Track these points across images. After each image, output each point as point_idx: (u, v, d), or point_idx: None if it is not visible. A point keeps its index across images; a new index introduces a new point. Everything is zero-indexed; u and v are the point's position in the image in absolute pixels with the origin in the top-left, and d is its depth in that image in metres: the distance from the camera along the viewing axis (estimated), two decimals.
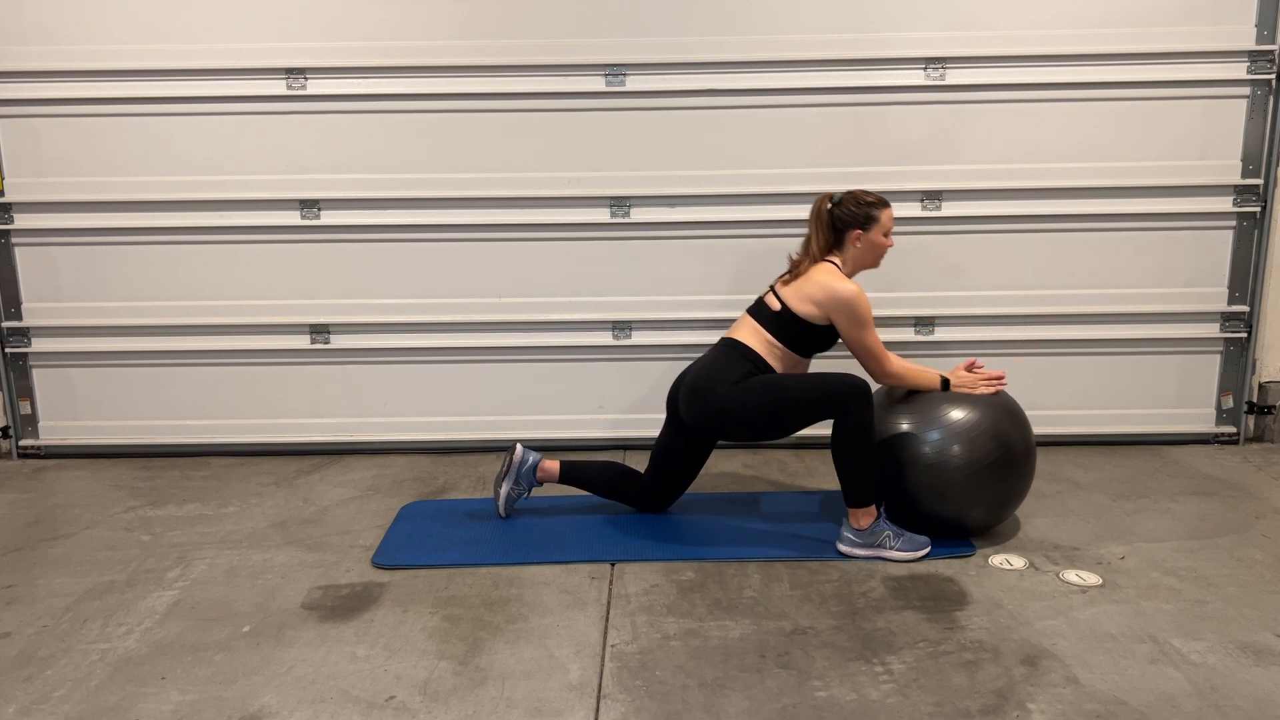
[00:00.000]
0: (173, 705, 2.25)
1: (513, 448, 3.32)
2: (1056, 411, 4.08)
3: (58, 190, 3.95)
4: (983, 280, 4.01)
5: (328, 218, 3.97)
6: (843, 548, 2.99)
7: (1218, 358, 4.08)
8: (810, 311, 3.04)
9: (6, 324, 4.05)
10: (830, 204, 3.11)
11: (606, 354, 4.09)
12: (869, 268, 3.17)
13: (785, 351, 3.09)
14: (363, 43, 3.83)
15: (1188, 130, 3.89)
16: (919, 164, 3.92)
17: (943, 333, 4.05)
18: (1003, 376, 3.09)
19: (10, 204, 3.95)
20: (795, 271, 3.13)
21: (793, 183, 3.91)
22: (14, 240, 3.99)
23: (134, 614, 2.69)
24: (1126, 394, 4.09)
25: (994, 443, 2.94)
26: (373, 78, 3.87)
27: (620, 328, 4.06)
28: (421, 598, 2.76)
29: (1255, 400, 4.11)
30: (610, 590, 2.79)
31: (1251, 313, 4.00)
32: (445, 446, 4.15)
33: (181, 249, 4.00)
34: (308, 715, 2.20)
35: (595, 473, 3.34)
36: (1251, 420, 4.14)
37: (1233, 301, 4.01)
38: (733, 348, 3.11)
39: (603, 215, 3.97)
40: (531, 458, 3.30)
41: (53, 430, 4.16)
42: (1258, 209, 3.93)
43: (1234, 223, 3.96)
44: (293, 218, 3.97)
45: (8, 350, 4.07)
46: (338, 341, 4.07)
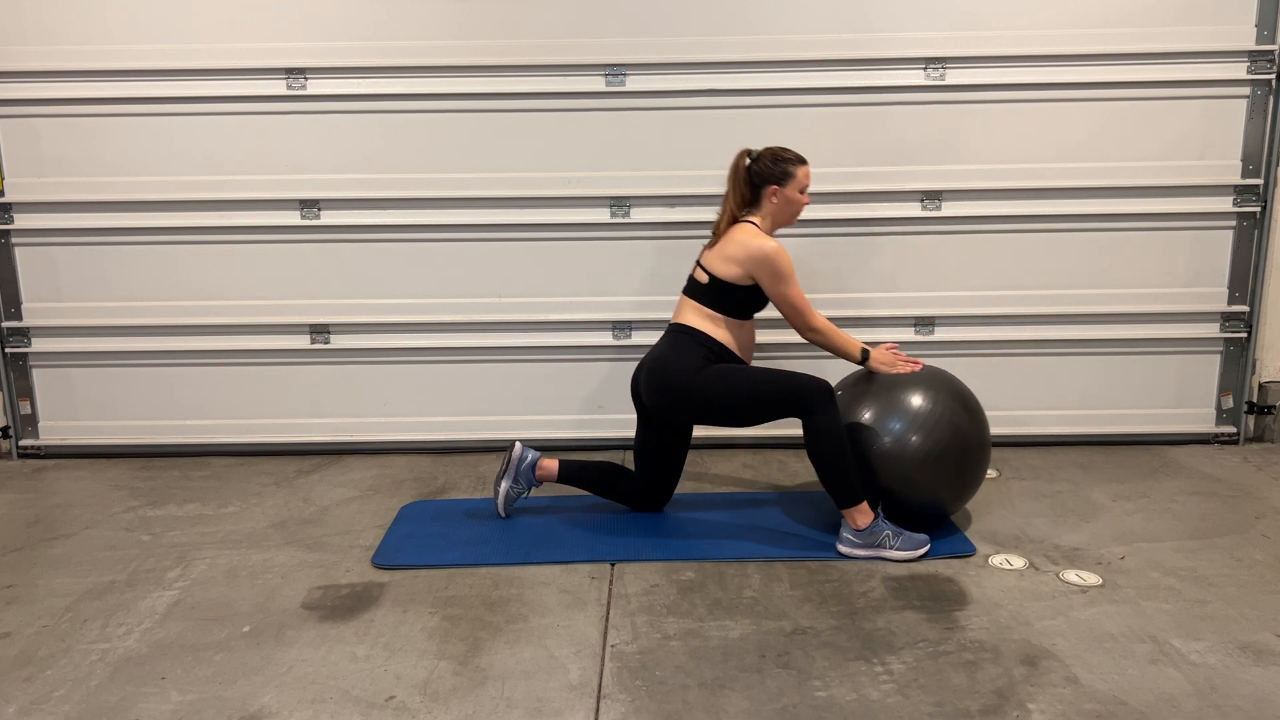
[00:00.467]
0: (173, 705, 2.25)
1: (512, 445, 3.33)
2: (1056, 411, 4.08)
3: (58, 190, 3.95)
4: (983, 280, 4.01)
5: (328, 218, 3.97)
6: (842, 549, 2.99)
7: (1218, 358, 4.07)
8: (735, 273, 3.09)
9: (6, 324, 4.05)
10: (749, 160, 3.16)
11: (607, 354, 4.09)
12: (785, 225, 3.22)
13: (726, 319, 3.15)
14: (363, 43, 3.83)
15: (1188, 130, 3.89)
16: (919, 164, 3.92)
17: (943, 333, 4.05)
18: (920, 363, 3.14)
19: (10, 204, 3.95)
20: (716, 235, 3.19)
21: None
22: (14, 240, 3.99)
23: (134, 614, 2.69)
24: (1126, 394, 4.09)
25: (951, 433, 2.99)
26: (373, 78, 3.87)
27: (620, 328, 4.06)
28: (421, 598, 2.76)
29: (1255, 400, 4.11)
30: (610, 590, 2.79)
31: (1251, 313, 4.00)
32: (445, 446, 4.15)
33: (181, 249, 4.00)
34: (308, 715, 2.20)
35: (593, 472, 3.35)
36: (1251, 420, 4.14)
37: (1233, 301, 4.01)
38: (680, 333, 3.16)
39: (603, 215, 3.97)
40: (530, 455, 3.31)
41: (53, 430, 4.16)
42: (1258, 209, 3.92)
43: (1234, 223, 3.96)
44: (293, 218, 3.97)
45: (8, 350, 4.07)
46: (338, 341, 4.07)
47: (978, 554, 2.99)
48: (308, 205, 3.96)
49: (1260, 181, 3.90)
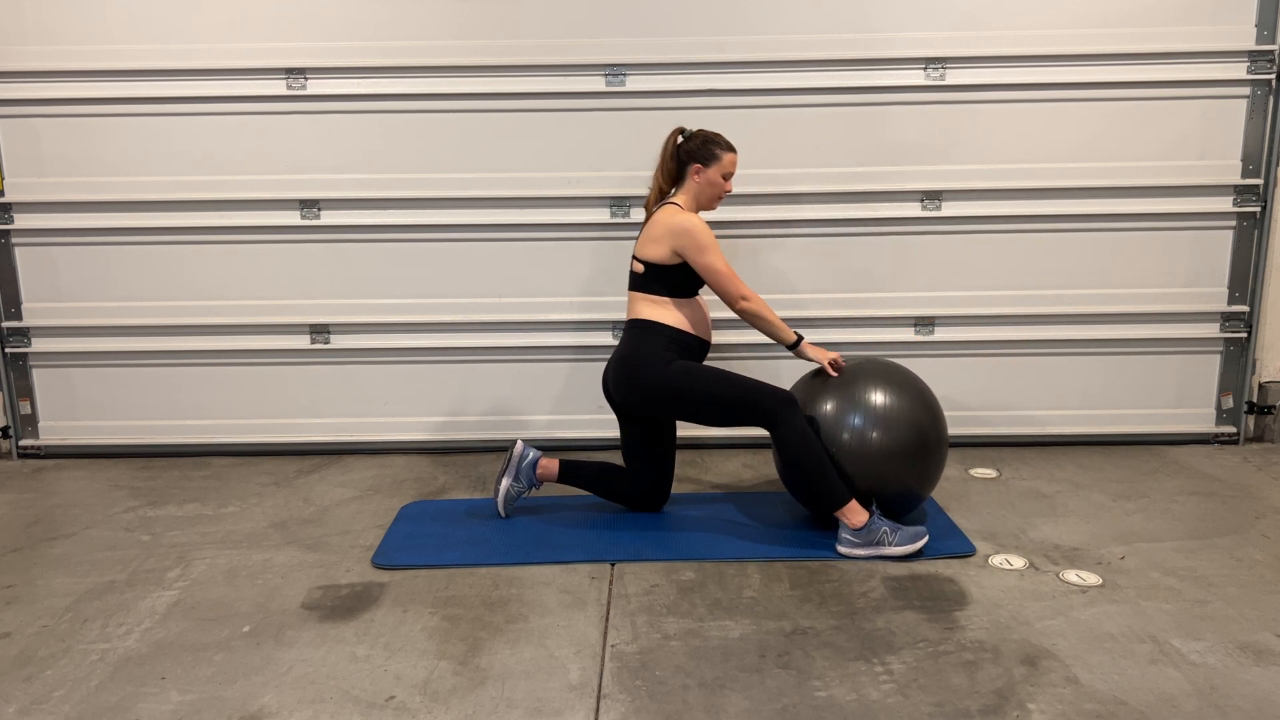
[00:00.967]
0: (173, 705, 2.25)
1: (514, 444, 3.34)
2: (1056, 411, 4.08)
3: (58, 190, 3.95)
4: (983, 280, 4.01)
5: (328, 218, 3.97)
6: (842, 549, 2.99)
7: (1218, 358, 4.07)
8: (662, 253, 3.14)
9: (6, 324, 4.05)
10: (681, 138, 3.22)
11: (607, 354, 4.05)
12: (706, 208, 3.27)
13: (674, 300, 3.19)
14: (363, 43, 3.83)
15: (1188, 130, 3.89)
16: (919, 164, 3.92)
17: (942, 333, 4.05)
18: (839, 370, 3.15)
19: (10, 204, 3.95)
20: (647, 211, 3.26)
21: (793, 183, 3.91)
22: (14, 240, 3.99)
23: (134, 614, 2.69)
24: (1126, 394, 4.09)
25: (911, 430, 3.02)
26: (373, 78, 3.87)
27: (620, 328, 4.06)
28: (421, 598, 2.76)
29: (1255, 400, 4.11)
30: (610, 590, 2.79)
31: (1251, 313, 4.00)
32: (445, 446, 4.14)
33: (182, 249, 4.00)
34: (308, 715, 2.20)
35: (593, 472, 3.35)
36: (1251, 420, 4.14)
37: (1233, 301, 4.01)
38: (637, 328, 3.21)
39: (603, 215, 3.97)
40: (531, 453, 3.32)
41: (53, 430, 4.16)
42: (1258, 209, 3.92)
43: (1234, 223, 3.96)
44: (293, 218, 3.97)
45: (8, 350, 4.07)
46: (338, 341, 4.07)
47: (978, 554, 2.99)
48: (308, 205, 3.96)
49: (1260, 181, 3.90)
